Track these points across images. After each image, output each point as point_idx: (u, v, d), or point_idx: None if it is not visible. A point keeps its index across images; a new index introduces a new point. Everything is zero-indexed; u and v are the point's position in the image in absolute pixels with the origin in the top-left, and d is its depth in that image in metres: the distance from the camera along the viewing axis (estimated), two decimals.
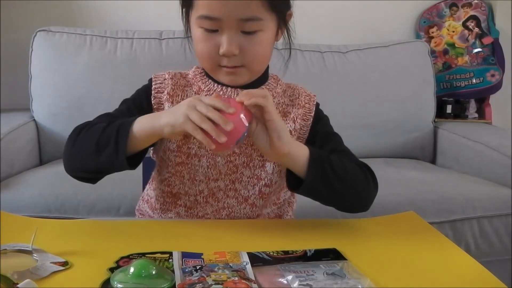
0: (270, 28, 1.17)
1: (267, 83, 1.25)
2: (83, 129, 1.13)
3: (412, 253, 1.03)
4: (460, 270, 0.97)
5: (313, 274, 0.86)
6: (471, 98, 2.90)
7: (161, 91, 1.22)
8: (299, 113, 1.24)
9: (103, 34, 2.51)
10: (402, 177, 2.23)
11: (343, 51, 2.69)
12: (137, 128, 1.07)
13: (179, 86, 1.24)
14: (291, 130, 1.22)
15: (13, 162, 2.13)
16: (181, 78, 1.26)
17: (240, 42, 1.12)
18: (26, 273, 0.83)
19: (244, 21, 1.11)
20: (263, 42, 1.16)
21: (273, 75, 1.29)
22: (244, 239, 1.06)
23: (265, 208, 1.26)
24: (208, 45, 1.14)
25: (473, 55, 2.88)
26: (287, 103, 1.26)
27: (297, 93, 1.27)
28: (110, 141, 1.06)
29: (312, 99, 1.27)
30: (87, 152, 1.10)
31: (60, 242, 1.00)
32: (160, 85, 1.23)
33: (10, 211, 1.32)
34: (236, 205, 1.22)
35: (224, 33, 1.11)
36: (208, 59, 1.16)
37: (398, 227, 1.18)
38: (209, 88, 1.22)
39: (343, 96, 2.61)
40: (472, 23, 2.91)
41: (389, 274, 0.92)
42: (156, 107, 1.22)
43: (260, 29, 1.14)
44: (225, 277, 0.83)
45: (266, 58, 1.20)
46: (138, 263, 0.82)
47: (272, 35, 1.19)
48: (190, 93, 1.24)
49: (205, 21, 1.12)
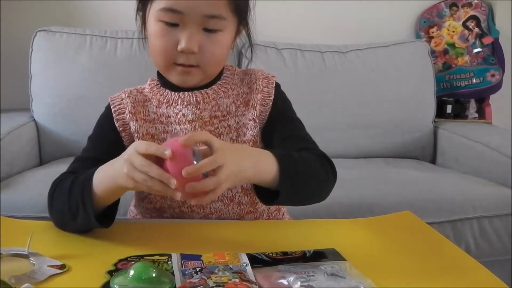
0: (230, 30, 1.16)
1: (223, 77, 1.24)
2: (56, 189, 1.10)
3: (410, 252, 1.03)
4: (460, 270, 0.96)
5: (314, 275, 0.86)
6: (471, 98, 2.90)
7: (122, 112, 1.21)
8: (257, 99, 1.21)
9: (103, 34, 2.51)
10: (402, 177, 2.23)
11: (343, 51, 2.69)
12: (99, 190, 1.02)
13: (139, 102, 1.22)
14: (254, 118, 1.20)
15: (13, 162, 2.12)
16: (138, 94, 1.24)
17: (200, 40, 1.11)
18: (24, 277, 0.83)
19: (208, 18, 1.10)
20: (222, 43, 1.15)
21: (228, 66, 1.27)
22: (242, 240, 1.06)
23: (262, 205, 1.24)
24: (165, 40, 1.12)
25: (473, 55, 2.88)
26: (246, 91, 1.24)
27: (254, 77, 1.24)
28: (79, 208, 1.02)
29: (271, 81, 1.24)
30: (64, 219, 1.07)
31: (56, 245, 1.00)
32: (119, 106, 1.21)
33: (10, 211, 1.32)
34: (223, 208, 1.21)
35: (186, 28, 1.10)
36: (164, 55, 1.14)
37: (396, 227, 1.17)
38: (168, 99, 1.21)
39: (343, 96, 2.60)
40: (472, 23, 2.91)
41: (388, 274, 0.91)
42: (122, 129, 1.20)
43: (222, 29, 1.13)
44: (226, 279, 0.83)
45: (222, 60, 1.20)
46: (138, 266, 0.82)
47: (231, 38, 1.18)
48: (150, 108, 1.22)
49: (167, 14, 1.10)
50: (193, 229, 1.11)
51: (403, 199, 1.94)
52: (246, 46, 2.45)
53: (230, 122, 1.21)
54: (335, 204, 1.74)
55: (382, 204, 1.87)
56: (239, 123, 1.21)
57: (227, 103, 1.22)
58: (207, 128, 1.20)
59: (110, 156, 1.04)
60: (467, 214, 1.98)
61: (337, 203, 1.75)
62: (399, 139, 2.68)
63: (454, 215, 1.97)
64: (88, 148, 1.22)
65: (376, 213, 1.27)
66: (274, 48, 2.59)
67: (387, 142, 2.66)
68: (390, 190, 2.03)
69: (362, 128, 2.62)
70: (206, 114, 1.20)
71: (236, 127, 1.21)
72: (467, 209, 1.99)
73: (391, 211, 1.28)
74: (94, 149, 1.21)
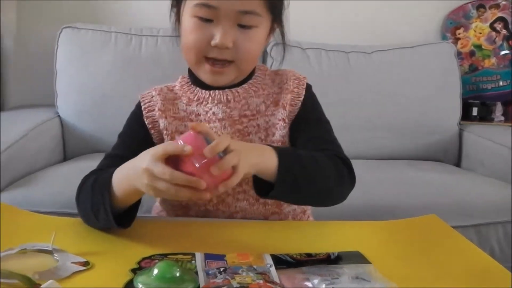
0: (264, 27, 1.16)
1: (254, 76, 1.24)
2: (83, 186, 1.10)
3: (435, 256, 1.01)
4: (485, 275, 0.95)
5: (338, 278, 0.85)
6: (497, 100, 2.86)
7: (152, 109, 1.21)
8: (287, 99, 1.21)
9: (128, 31, 2.52)
10: (425, 180, 2.21)
11: (368, 51, 2.67)
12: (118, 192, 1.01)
13: (169, 100, 1.23)
14: (283, 118, 1.20)
15: (36, 158, 2.14)
16: (169, 92, 1.25)
17: (234, 36, 1.11)
18: (47, 273, 0.83)
19: (243, 14, 1.10)
20: (256, 39, 1.15)
21: (260, 66, 1.27)
22: (266, 241, 1.05)
23: (287, 206, 1.24)
24: (199, 35, 1.12)
25: (500, 57, 2.85)
26: (276, 92, 1.23)
27: (285, 78, 1.24)
28: (100, 207, 1.01)
29: (302, 82, 1.24)
30: (88, 216, 1.06)
31: (80, 242, 1.00)
32: (149, 104, 1.22)
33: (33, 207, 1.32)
34: (249, 207, 1.21)
35: (220, 24, 1.10)
36: (196, 49, 1.13)
37: (421, 231, 1.16)
38: (198, 97, 1.21)
39: (367, 97, 2.59)
40: (499, 25, 2.88)
41: (412, 278, 0.90)
42: (151, 126, 1.21)
43: (256, 25, 1.13)
44: (250, 280, 0.82)
45: (255, 57, 1.19)
46: (161, 265, 0.82)
47: (265, 35, 1.18)
48: (180, 105, 1.22)
49: (202, 9, 1.10)
50: (217, 228, 1.11)
51: (426, 202, 1.92)
52: (271, 45, 2.45)
53: (260, 121, 1.21)
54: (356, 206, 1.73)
55: (404, 207, 1.86)
56: (269, 122, 1.21)
57: (257, 102, 1.21)
58: (236, 127, 1.19)
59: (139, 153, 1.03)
60: (491, 219, 1.96)
61: (359, 204, 1.75)
62: (423, 141, 2.65)
63: (478, 219, 1.95)
64: (118, 145, 1.23)
65: (398, 216, 1.25)
66: (298, 47, 2.58)
67: (411, 143, 2.64)
68: (412, 192, 2.01)
69: (386, 129, 2.60)
70: (236, 113, 1.20)
71: (265, 126, 1.21)
72: (491, 213, 1.97)
73: (413, 214, 1.26)
74: (124, 147, 1.21)
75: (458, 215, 1.92)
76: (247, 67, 1.19)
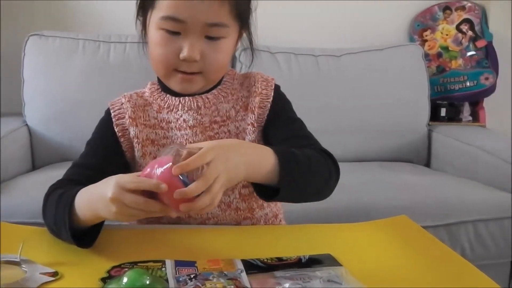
0: (232, 36, 1.16)
1: (223, 82, 1.23)
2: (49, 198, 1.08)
3: (406, 257, 1.02)
4: (456, 274, 0.96)
5: (310, 281, 0.85)
6: (465, 101, 2.90)
7: (122, 117, 1.20)
8: (256, 102, 1.20)
9: (96, 38, 2.50)
10: (398, 181, 2.23)
11: (337, 54, 2.69)
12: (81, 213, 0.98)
13: (139, 107, 1.21)
14: (252, 123, 1.19)
15: (6, 167, 2.11)
16: (138, 98, 1.23)
17: (202, 48, 1.10)
18: (15, 285, 0.82)
19: (210, 26, 1.09)
20: (224, 50, 1.14)
21: (228, 71, 1.26)
22: (237, 246, 1.05)
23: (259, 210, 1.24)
24: (167, 49, 1.11)
25: (467, 58, 2.89)
26: (245, 95, 1.23)
27: (253, 80, 1.23)
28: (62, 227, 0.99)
29: (270, 83, 1.23)
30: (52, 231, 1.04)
31: (49, 252, 0.99)
32: (119, 111, 1.20)
33: (3, 217, 1.30)
34: (221, 213, 1.20)
35: (187, 37, 1.09)
36: (165, 63, 1.13)
37: (392, 232, 1.16)
38: (168, 104, 1.20)
39: (337, 100, 2.60)
40: (465, 26, 2.91)
41: (384, 280, 0.91)
42: (121, 134, 1.19)
43: (224, 36, 1.12)
44: (221, 286, 0.82)
45: (224, 66, 1.19)
46: (131, 273, 0.80)
47: (233, 44, 1.18)
48: (151, 113, 1.21)
49: (168, 23, 1.09)
50: (187, 235, 1.10)
51: (399, 203, 1.94)
52: (240, 50, 2.44)
53: (230, 127, 1.20)
54: (331, 209, 1.74)
55: (378, 208, 1.87)
56: (239, 128, 1.21)
57: (227, 108, 1.21)
58: (207, 133, 1.19)
59: (108, 162, 1.02)
60: (462, 218, 1.98)
61: (333, 207, 1.75)
62: (393, 143, 2.67)
63: (449, 218, 1.96)
64: (86, 154, 1.21)
65: (372, 217, 1.26)
66: (267, 52, 2.59)
67: (382, 145, 2.66)
68: (385, 194, 2.02)
69: (357, 131, 2.62)
70: (207, 119, 1.19)
71: (236, 132, 1.20)
72: (462, 212, 1.99)
73: (387, 215, 1.27)
74: (92, 155, 1.19)
75: (430, 215, 1.94)
76: (215, 77, 1.19)
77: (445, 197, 2.06)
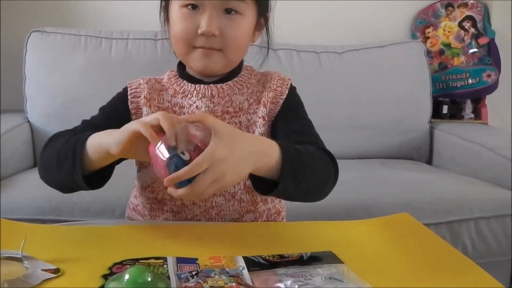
0: (249, 17, 1.18)
1: (240, 75, 1.26)
2: (52, 140, 1.12)
3: (408, 254, 1.02)
4: (457, 272, 0.96)
5: (311, 278, 0.85)
6: (467, 98, 2.89)
7: (138, 96, 1.23)
8: (269, 97, 1.22)
9: (98, 34, 2.50)
10: (399, 178, 2.23)
11: (339, 51, 2.69)
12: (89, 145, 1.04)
13: (155, 90, 1.24)
14: (263, 116, 1.21)
15: (7, 163, 2.11)
16: (156, 83, 1.26)
17: (220, 23, 1.13)
18: (17, 281, 0.82)
19: None
20: (242, 27, 1.17)
21: (247, 66, 1.29)
22: (238, 243, 1.05)
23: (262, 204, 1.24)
24: (186, 24, 1.14)
25: (469, 56, 2.88)
26: (260, 90, 1.25)
27: (270, 77, 1.26)
28: (68, 156, 1.04)
29: (286, 82, 1.26)
30: (50, 166, 1.09)
31: (51, 248, 0.98)
32: (136, 90, 1.23)
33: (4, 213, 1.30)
34: (224, 203, 1.21)
35: (206, 11, 1.12)
36: (185, 39, 1.16)
37: (393, 229, 1.17)
38: (184, 89, 1.23)
39: (339, 97, 2.60)
40: (468, 24, 2.90)
41: (386, 277, 0.90)
42: (134, 112, 1.22)
43: (242, 12, 1.15)
44: (222, 283, 0.82)
45: (243, 46, 1.21)
46: (133, 270, 0.80)
47: (250, 25, 1.20)
48: (166, 96, 1.24)
49: None
50: (189, 231, 1.10)
51: (400, 200, 1.93)
52: None
53: (242, 119, 1.22)
54: (331, 206, 1.74)
55: (379, 205, 1.86)
56: (250, 120, 1.22)
57: (240, 100, 1.23)
58: None
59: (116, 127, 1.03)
60: (464, 215, 1.97)
61: (333, 204, 1.75)
62: (395, 140, 2.67)
63: (450, 216, 1.96)
64: (98, 116, 1.24)
65: (373, 215, 1.26)
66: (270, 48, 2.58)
67: (383, 142, 2.66)
68: (386, 191, 2.02)
69: (358, 128, 2.62)
70: (219, 109, 1.21)
71: (247, 124, 1.22)
72: (463, 210, 1.98)
73: (388, 212, 1.27)
74: (103, 117, 1.22)
75: (432, 213, 1.94)
76: (234, 56, 1.20)
77: (447, 195, 2.05)
